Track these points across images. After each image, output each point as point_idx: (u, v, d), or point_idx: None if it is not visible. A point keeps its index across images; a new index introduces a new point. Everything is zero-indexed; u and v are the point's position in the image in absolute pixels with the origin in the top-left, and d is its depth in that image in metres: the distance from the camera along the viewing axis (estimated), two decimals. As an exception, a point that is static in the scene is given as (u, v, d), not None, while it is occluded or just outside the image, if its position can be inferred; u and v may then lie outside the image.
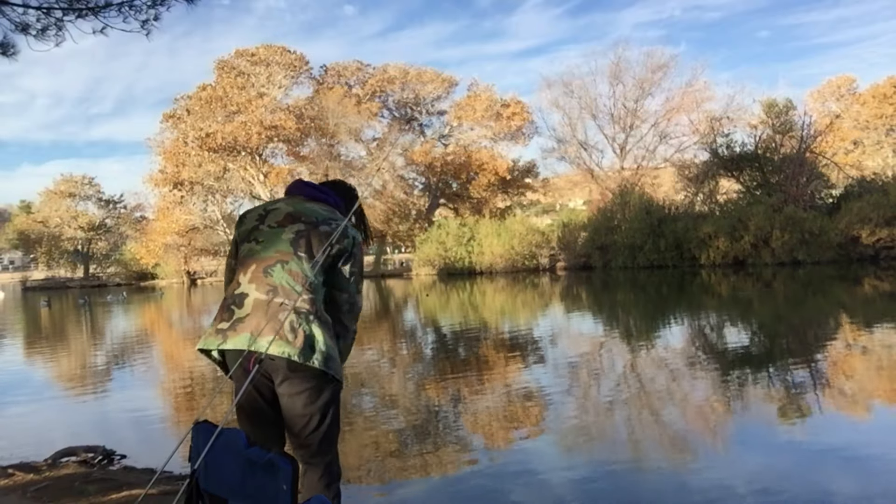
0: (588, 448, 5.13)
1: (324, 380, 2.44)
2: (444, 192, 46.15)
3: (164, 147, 40.92)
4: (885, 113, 45.10)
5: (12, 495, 4.06)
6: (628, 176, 39.87)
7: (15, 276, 65.77)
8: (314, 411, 2.44)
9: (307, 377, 2.43)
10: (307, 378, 2.43)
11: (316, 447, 2.46)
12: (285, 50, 43.78)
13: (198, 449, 2.14)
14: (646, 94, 41.87)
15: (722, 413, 5.99)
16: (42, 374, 10.71)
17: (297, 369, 2.41)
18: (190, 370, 9.93)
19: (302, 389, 2.43)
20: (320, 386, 2.44)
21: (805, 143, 30.51)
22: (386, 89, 45.73)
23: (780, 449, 4.83)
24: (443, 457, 5.02)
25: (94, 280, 50.16)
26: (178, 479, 4.05)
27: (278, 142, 40.52)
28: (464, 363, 9.26)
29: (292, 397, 2.44)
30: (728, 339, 10.69)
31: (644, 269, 28.73)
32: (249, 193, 42.58)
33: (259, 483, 2.01)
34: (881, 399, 6.29)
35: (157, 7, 5.93)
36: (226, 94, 40.69)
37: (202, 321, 19.63)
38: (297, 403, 2.43)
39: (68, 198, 56.54)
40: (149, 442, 5.75)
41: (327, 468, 2.49)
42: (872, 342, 9.33)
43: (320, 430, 2.45)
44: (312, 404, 2.44)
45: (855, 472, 4.28)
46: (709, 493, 3.98)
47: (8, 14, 5.68)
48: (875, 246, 26.55)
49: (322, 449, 2.47)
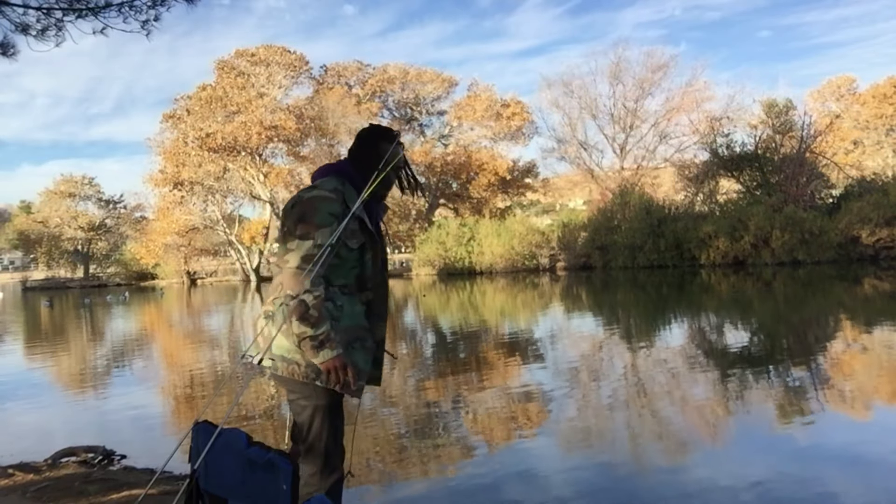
0: (588, 448, 5.13)
1: (297, 384, 2.37)
2: (444, 192, 46.15)
3: (164, 147, 40.92)
4: (885, 113, 45.12)
5: (12, 495, 4.06)
6: (628, 176, 39.88)
7: (15, 276, 65.84)
8: (297, 417, 2.42)
9: (283, 381, 2.41)
10: (282, 382, 2.42)
11: (303, 454, 2.42)
12: (285, 50, 43.81)
13: (198, 449, 2.14)
14: (646, 94, 41.92)
15: (722, 413, 5.99)
16: (43, 374, 10.71)
17: (273, 375, 2.41)
18: (190, 370, 9.93)
19: (289, 397, 2.44)
20: (300, 391, 2.38)
21: (805, 143, 30.51)
22: (386, 89, 45.77)
23: (780, 449, 4.83)
24: (443, 456, 5.03)
25: (94, 280, 50.15)
26: (178, 479, 4.05)
27: (278, 142, 40.52)
28: (464, 363, 9.26)
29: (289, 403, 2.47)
30: (728, 339, 10.69)
31: (644, 269, 28.72)
32: (249, 193, 42.60)
33: (259, 483, 2.01)
34: (881, 399, 6.29)
35: (157, 7, 5.95)
36: (226, 94, 40.70)
37: (202, 321, 19.62)
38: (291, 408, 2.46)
39: (68, 198, 56.57)
40: (149, 442, 5.74)
41: (310, 476, 2.38)
42: (872, 342, 9.33)
43: (306, 441, 2.40)
44: (296, 413, 2.42)
45: (855, 473, 4.28)
46: (709, 493, 3.98)
47: (8, 14, 5.69)
48: (875, 246, 26.54)
49: (306, 458, 2.40)
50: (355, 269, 2.45)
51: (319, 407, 2.37)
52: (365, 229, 2.45)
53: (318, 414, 2.37)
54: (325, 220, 2.32)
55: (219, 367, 9.97)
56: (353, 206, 2.38)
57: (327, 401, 2.38)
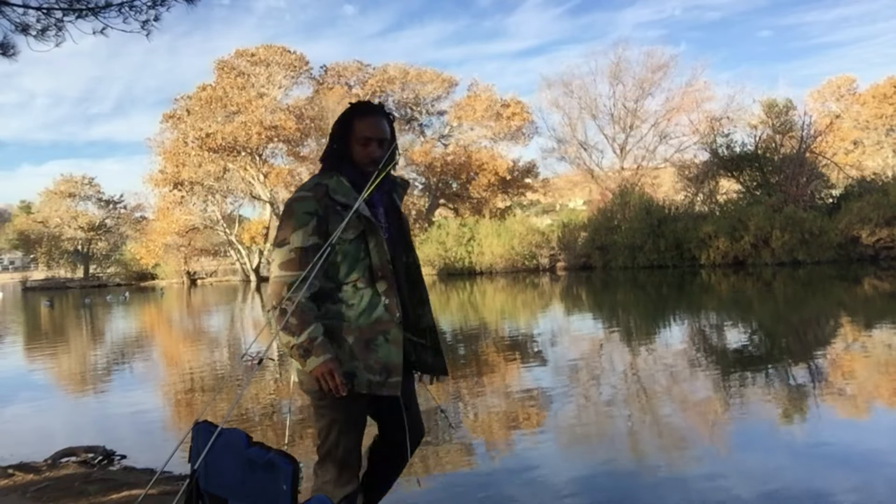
0: (588, 447, 5.13)
1: (313, 395, 2.34)
2: (444, 192, 46.11)
3: (164, 147, 40.92)
4: (885, 113, 45.07)
5: (12, 495, 4.06)
6: (628, 176, 39.85)
7: (15, 276, 65.82)
8: (316, 424, 2.40)
9: (307, 393, 2.38)
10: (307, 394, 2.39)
11: (318, 461, 2.39)
12: (285, 50, 43.80)
13: (198, 449, 2.14)
14: (646, 94, 41.90)
15: (722, 413, 5.99)
16: (43, 374, 10.71)
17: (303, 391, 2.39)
18: (190, 370, 9.93)
19: (312, 404, 2.41)
20: (317, 401, 2.35)
21: (805, 143, 30.50)
22: (386, 89, 45.72)
23: (780, 449, 4.83)
24: (442, 456, 5.03)
25: (94, 280, 50.17)
26: (178, 479, 4.05)
27: (278, 142, 40.52)
28: (463, 363, 9.26)
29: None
30: (728, 339, 10.69)
31: (644, 269, 28.71)
32: (249, 194, 42.61)
33: (259, 483, 2.01)
34: (881, 399, 6.29)
35: (157, 7, 5.94)
36: (226, 94, 40.70)
37: (202, 321, 19.62)
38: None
39: (68, 198, 56.56)
40: (149, 442, 5.74)
41: (324, 483, 2.36)
42: (872, 342, 9.32)
43: (321, 448, 2.37)
44: (315, 420, 2.40)
45: (856, 473, 4.28)
46: (708, 493, 3.98)
47: (8, 14, 5.68)
48: (875, 246, 26.53)
49: (322, 466, 2.37)
50: (364, 260, 2.32)
51: (336, 420, 2.33)
52: (361, 217, 2.30)
53: (335, 426, 2.33)
54: (301, 221, 2.25)
55: (219, 367, 9.97)
56: (338, 198, 2.29)
57: (344, 414, 2.32)
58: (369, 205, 2.35)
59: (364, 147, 2.37)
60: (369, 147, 2.37)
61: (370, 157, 2.37)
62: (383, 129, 2.41)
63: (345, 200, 2.29)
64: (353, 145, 2.38)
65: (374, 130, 2.38)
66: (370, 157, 2.37)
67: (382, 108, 2.48)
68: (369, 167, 2.36)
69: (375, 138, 2.38)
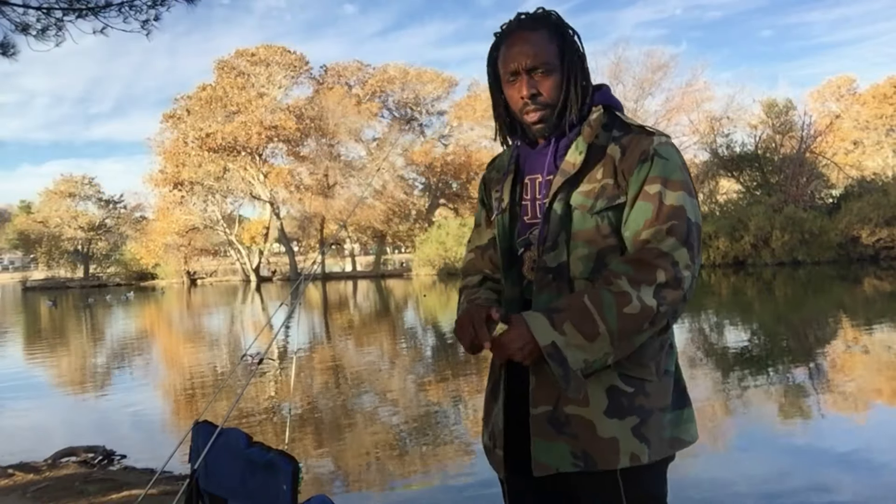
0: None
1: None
2: (444, 192, 46.14)
3: (164, 147, 40.94)
4: (885, 113, 45.07)
5: (12, 495, 4.06)
6: (628, 176, 39.83)
7: (15, 276, 65.89)
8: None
9: None
10: None
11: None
12: (285, 50, 43.80)
13: (198, 449, 2.14)
14: (646, 94, 41.84)
15: (722, 413, 5.98)
16: (44, 374, 10.71)
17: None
18: (190, 370, 9.93)
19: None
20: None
21: (805, 144, 30.53)
22: (386, 89, 45.74)
23: (780, 448, 4.83)
24: (443, 456, 5.02)
25: (94, 280, 50.16)
26: (178, 479, 4.05)
27: (278, 142, 40.54)
28: (463, 363, 9.25)
29: None
30: (728, 339, 10.69)
31: (644, 269, 28.70)
32: (249, 193, 42.61)
33: (259, 483, 2.01)
34: (882, 399, 6.29)
35: (157, 7, 5.94)
36: (226, 94, 40.71)
37: (203, 321, 19.62)
38: None
39: (68, 198, 56.55)
40: (149, 442, 5.74)
41: None
42: (872, 342, 9.32)
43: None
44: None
45: (856, 473, 4.28)
46: (709, 493, 3.98)
47: (8, 14, 5.69)
48: (875, 246, 26.55)
49: None
50: (503, 243, 1.65)
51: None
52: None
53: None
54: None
55: (219, 367, 9.97)
56: (491, 173, 1.75)
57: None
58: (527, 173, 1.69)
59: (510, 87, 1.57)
60: (514, 86, 1.55)
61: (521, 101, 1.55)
62: (533, 49, 1.50)
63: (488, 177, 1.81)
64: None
65: (516, 57, 1.52)
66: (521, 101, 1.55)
67: (535, 17, 1.57)
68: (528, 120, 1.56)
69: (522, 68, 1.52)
